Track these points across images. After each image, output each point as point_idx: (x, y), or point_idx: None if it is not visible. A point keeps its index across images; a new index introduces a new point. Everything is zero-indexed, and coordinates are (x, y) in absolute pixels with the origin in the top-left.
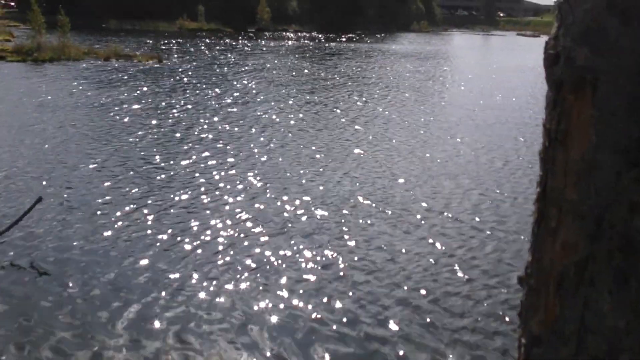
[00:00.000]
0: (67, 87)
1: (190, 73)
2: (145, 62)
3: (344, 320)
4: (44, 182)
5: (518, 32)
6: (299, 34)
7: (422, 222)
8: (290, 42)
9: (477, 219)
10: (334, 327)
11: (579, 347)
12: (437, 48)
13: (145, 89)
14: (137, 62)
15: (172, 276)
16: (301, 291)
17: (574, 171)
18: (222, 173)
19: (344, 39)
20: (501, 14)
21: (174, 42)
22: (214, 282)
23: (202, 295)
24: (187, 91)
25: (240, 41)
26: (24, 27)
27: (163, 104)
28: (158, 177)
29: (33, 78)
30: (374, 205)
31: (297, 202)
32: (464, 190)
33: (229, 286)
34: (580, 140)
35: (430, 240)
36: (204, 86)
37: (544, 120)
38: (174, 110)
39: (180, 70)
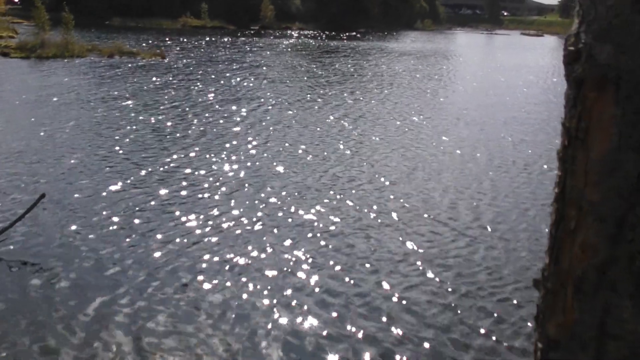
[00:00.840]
0: (71, 83)
1: (192, 70)
2: (149, 59)
3: (347, 319)
4: (47, 179)
5: (522, 31)
6: (302, 32)
7: (430, 220)
8: (293, 40)
9: (488, 219)
10: (339, 329)
11: (598, 352)
12: (440, 47)
13: (148, 85)
14: (140, 59)
15: (176, 272)
16: (307, 291)
17: (594, 171)
18: (226, 168)
19: (347, 38)
20: (505, 13)
21: (177, 39)
22: (219, 278)
23: (206, 289)
24: (190, 88)
25: (243, 39)
26: (28, 24)
27: (165, 100)
28: (162, 173)
29: (36, 74)
30: (372, 203)
31: (297, 196)
32: (474, 190)
33: (236, 282)
34: (601, 139)
35: (438, 240)
36: (207, 83)
37: (562, 118)
38: (177, 107)
39: (183, 67)
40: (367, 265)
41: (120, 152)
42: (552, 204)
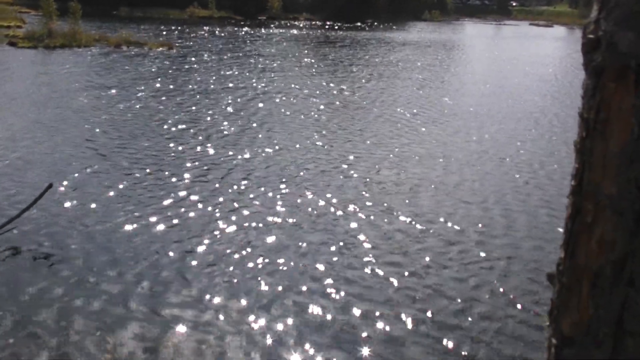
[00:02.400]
0: (78, 73)
1: (199, 60)
2: (156, 49)
3: (358, 315)
4: (55, 168)
5: (531, 21)
6: (309, 22)
7: (441, 211)
8: (299, 31)
9: (500, 212)
10: (349, 323)
11: (614, 349)
12: (448, 37)
13: (155, 75)
14: (147, 49)
15: (187, 259)
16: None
17: (613, 164)
18: (237, 156)
19: (353, 28)
20: (514, 4)
21: (184, 29)
22: (229, 268)
23: (214, 278)
24: (197, 77)
25: (250, 29)
26: (36, 14)
27: (172, 90)
28: (168, 162)
29: (44, 64)
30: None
31: (312, 189)
32: (487, 183)
33: (249, 273)
34: (620, 131)
35: (450, 233)
36: (213, 72)
37: (580, 109)
38: (183, 97)
39: (190, 57)
40: (366, 259)
41: (128, 141)
42: (568, 196)
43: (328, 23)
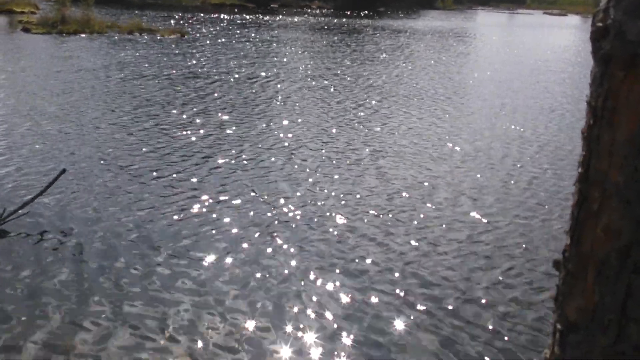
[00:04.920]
0: (90, 59)
1: (211, 47)
2: (168, 36)
3: (361, 305)
4: (68, 154)
5: (545, 10)
6: (321, 10)
7: (446, 199)
8: (311, 18)
9: (505, 198)
10: (356, 311)
11: (619, 335)
12: (460, 25)
13: (167, 62)
14: (159, 36)
15: (197, 248)
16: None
17: (620, 152)
18: (246, 144)
19: (365, 16)
20: None
21: (196, 17)
22: (242, 255)
23: (228, 266)
24: (208, 65)
25: (262, 17)
26: (49, 0)
27: (184, 77)
28: (181, 148)
29: (57, 50)
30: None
31: (324, 177)
32: (489, 171)
33: (275, 260)
34: (628, 119)
35: (456, 219)
36: (225, 60)
37: (588, 97)
38: (196, 84)
39: (202, 44)
40: (383, 247)
41: (141, 127)
42: (575, 184)
43: (340, 11)
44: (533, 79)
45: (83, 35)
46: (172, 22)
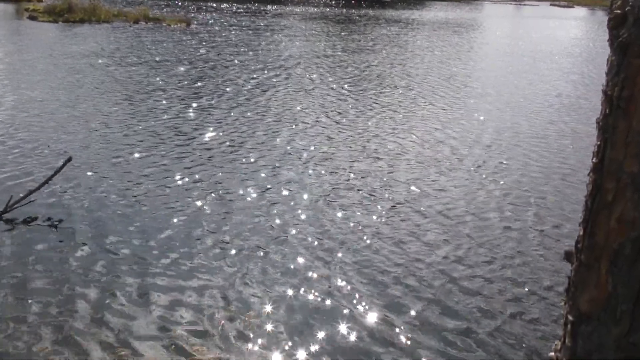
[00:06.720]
0: (96, 48)
1: (217, 37)
2: (174, 25)
3: (367, 296)
4: (74, 142)
5: (551, 2)
6: (327, 0)
7: (456, 188)
8: (318, 8)
9: (515, 189)
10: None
11: (632, 327)
12: (466, 16)
13: (173, 51)
14: (165, 25)
15: (202, 236)
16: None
17: (635, 142)
18: (251, 132)
19: (371, 7)
20: None
21: (202, 6)
22: (250, 247)
23: (236, 258)
24: (214, 55)
25: (269, 6)
26: None
27: (190, 66)
28: (187, 137)
29: (64, 38)
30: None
31: (329, 167)
32: (499, 160)
33: (272, 252)
34: None
35: (465, 209)
36: (230, 49)
37: (604, 85)
38: (201, 73)
39: (207, 33)
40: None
41: (147, 115)
42: (589, 174)
43: (346, 1)
44: (545, 67)
45: (89, 23)
46: (179, 11)
